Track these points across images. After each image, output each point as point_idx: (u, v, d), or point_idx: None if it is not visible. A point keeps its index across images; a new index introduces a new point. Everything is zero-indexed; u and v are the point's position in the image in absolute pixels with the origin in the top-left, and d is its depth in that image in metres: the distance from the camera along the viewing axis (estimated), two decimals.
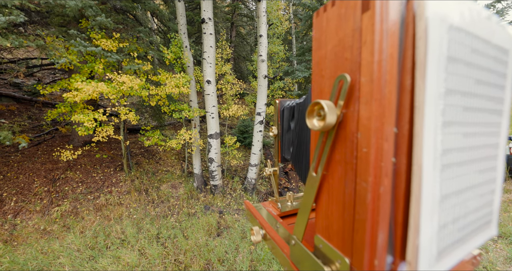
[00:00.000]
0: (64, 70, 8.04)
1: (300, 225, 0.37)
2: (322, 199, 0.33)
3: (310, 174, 0.34)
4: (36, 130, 6.89)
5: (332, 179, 0.31)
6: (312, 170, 0.34)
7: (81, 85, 3.95)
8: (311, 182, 0.34)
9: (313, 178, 0.33)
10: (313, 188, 0.34)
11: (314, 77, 0.34)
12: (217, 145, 5.67)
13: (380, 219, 0.26)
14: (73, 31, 4.17)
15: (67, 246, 3.81)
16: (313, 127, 0.30)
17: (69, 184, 5.25)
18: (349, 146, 0.28)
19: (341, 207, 0.30)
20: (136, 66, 4.68)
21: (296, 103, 0.59)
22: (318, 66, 0.33)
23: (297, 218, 0.38)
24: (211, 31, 5.11)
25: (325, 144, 0.31)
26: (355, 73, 0.27)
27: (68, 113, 4.78)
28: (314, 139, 0.34)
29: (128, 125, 8.10)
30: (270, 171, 0.67)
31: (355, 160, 0.27)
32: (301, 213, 0.36)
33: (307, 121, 0.31)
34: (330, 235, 0.32)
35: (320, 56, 0.33)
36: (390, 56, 0.25)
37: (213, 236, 4.28)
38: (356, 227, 0.28)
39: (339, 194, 0.30)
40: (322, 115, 0.29)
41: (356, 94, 0.27)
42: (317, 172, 0.33)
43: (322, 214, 0.33)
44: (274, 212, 0.64)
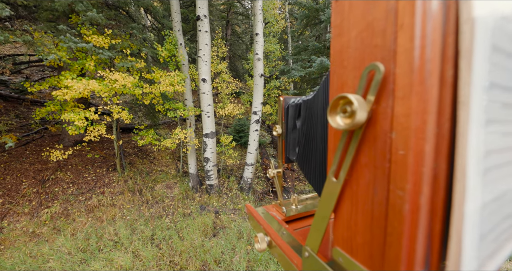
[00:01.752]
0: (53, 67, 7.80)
1: (315, 236, 0.33)
2: (344, 207, 0.29)
3: (329, 179, 0.30)
4: (24, 130, 6.65)
5: (356, 185, 0.27)
6: (331, 174, 0.30)
7: (72, 82, 3.82)
8: (330, 188, 0.30)
9: (333, 184, 0.29)
10: (332, 195, 0.30)
11: (334, 68, 0.30)
12: (213, 144, 5.60)
13: (419, 233, 0.22)
14: (62, 26, 4.02)
15: (57, 249, 3.69)
16: (337, 126, 0.26)
17: (59, 185, 5.09)
18: (380, 148, 0.24)
19: (368, 217, 0.26)
20: (129, 64, 4.56)
21: (303, 100, 0.55)
22: (340, 56, 0.29)
23: (312, 228, 0.34)
24: (207, 29, 5.02)
25: (349, 145, 0.27)
26: (388, 63, 0.23)
27: (58, 111, 4.62)
28: (334, 139, 0.30)
29: (121, 124, 7.92)
30: (274, 173, 0.63)
31: (388, 164, 0.23)
32: (317, 223, 0.32)
33: (329, 119, 0.27)
34: (352, 248, 0.28)
35: (341, 44, 0.29)
36: (433, 43, 0.22)
37: (209, 237, 4.22)
38: (389, 241, 0.24)
39: (366, 203, 0.26)
40: (348, 112, 0.25)
41: (390, 87, 0.23)
42: (338, 177, 0.29)
43: (342, 224, 0.29)
44: (278, 216, 0.60)
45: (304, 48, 8.97)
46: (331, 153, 0.31)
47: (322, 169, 0.43)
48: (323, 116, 0.41)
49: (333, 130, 0.30)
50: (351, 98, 0.24)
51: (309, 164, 0.50)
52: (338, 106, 0.26)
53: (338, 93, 0.29)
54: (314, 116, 0.47)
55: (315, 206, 0.65)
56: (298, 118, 0.57)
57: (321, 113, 0.43)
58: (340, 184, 0.28)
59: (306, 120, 0.52)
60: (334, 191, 0.29)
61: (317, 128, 0.46)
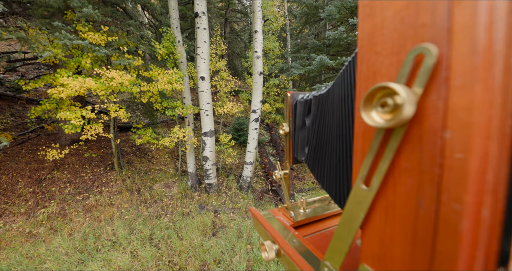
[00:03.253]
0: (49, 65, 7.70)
1: (338, 251, 0.29)
2: (376, 220, 0.25)
3: (357, 187, 0.25)
4: (20, 128, 6.55)
5: (394, 194, 0.23)
6: (360, 181, 0.25)
7: (67, 80, 3.74)
8: (359, 197, 0.25)
9: (363, 192, 0.25)
10: (362, 205, 0.25)
11: (362, 55, 0.26)
12: (212, 143, 5.55)
13: (479, 253, 0.18)
14: (57, 23, 3.93)
15: (54, 249, 3.63)
16: (373, 123, 0.22)
17: (56, 185, 5.02)
18: (427, 150, 0.20)
19: (409, 233, 0.22)
20: (126, 61, 4.48)
21: (314, 96, 0.50)
22: (370, 40, 0.25)
23: (335, 242, 0.29)
24: (205, 26, 4.94)
25: (385, 146, 0.23)
26: (440, 45, 0.19)
27: (53, 110, 4.54)
28: (363, 139, 0.26)
29: (118, 123, 7.84)
30: (281, 174, 0.59)
31: (438, 170, 0.19)
32: (342, 236, 0.28)
33: (363, 115, 0.22)
34: (386, 266, 0.24)
35: (372, 26, 0.24)
36: (501, 19, 0.17)
37: (209, 236, 4.19)
38: (438, 260, 0.19)
39: (407, 216, 0.22)
40: (390, 106, 0.20)
41: (442, 75, 0.19)
42: (369, 185, 0.24)
43: (373, 238, 0.25)
44: (286, 221, 0.55)
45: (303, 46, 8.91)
46: (358, 155, 0.26)
47: (338, 172, 0.39)
48: (343, 112, 0.36)
49: (362, 128, 0.26)
50: (396, 88, 0.19)
51: (321, 166, 0.46)
52: (375, 99, 0.22)
53: (369, 84, 0.24)
54: (328, 113, 0.43)
55: (324, 210, 0.61)
56: (308, 115, 0.53)
57: (338, 109, 0.38)
58: (373, 192, 0.24)
59: (317, 118, 0.48)
60: (364, 201, 0.25)
61: (332, 126, 0.41)
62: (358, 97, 0.26)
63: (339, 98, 0.38)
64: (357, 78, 0.26)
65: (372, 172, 0.24)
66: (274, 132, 11.08)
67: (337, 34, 6.62)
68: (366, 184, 0.25)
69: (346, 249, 0.27)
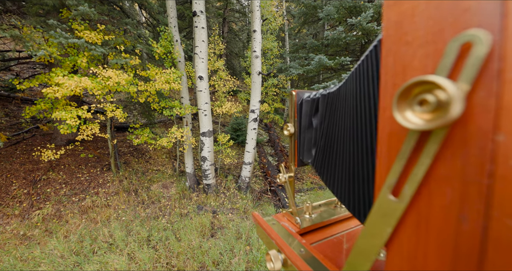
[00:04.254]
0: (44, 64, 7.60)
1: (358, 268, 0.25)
2: (405, 234, 0.21)
3: (383, 197, 0.22)
4: (14, 129, 6.44)
5: (428, 206, 0.20)
6: (387, 190, 0.22)
7: (63, 80, 3.67)
8: (386, 208, 0.22)
9: (390, 203, 0.22)
10: (389, 217, 0.22)
11: (388, 46, 0.22)
12: (210, 143, 5.51)
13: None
14: (52, 21, 3.86)
15: (50, 252, 3.56)
16: (409, 124, 0.18)
17: (51, 186, 4.93)
18: (474, 155, 0.17)
19: (449, 250, 0.18)
20: (123, 61, 4.42)
21: (322, 94, 0.47)
22: (399, 29, 0.21)
23: (353, 258, 0.26)
24: (203, 25, 4.90)
25: (421, 150, 0.19)
26: (491, 31, 0.16)
27: (49, 110, 4.46)
28: (390, 142, 0.23)
29: (115, 123, 7.75)
30: (286, 178, 0.56)
31: (488, 180, 0.16)
32: (362, 252, 0.25)
33: (396, 115, 0.19)
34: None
35: (401, 13, 0.21)
36: None
37: (207, 237, 4.14)
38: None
39: (445, 231, 0.19)
40: (432, 104, 0.17)
41: (495, 67, 0.16)
42: (399, 195, 0.21)
43: (401, 253, 0.22)
44: (291, 228, 0.52)
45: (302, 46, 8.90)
46: (383, 160, 0.23)
47: (352, 178, 0.35)
48: (358, 111, 0.33)
49: (388, 129, 0.23)
50: (442, 83, 0.16)
51: (331, 169, 0.43)
52: (410, 96, 0.18)
53: (397, 79, 0.21)
54: (339, 113, 0.40)
55: (331, 214, 0.58)
56: (315, 115, 0.49)
57: (352, 108, 0.35)
58: (404, 204, 0.21)
59: (326, 118, 0.45)
60: (393, 213, 0.21)
61: (343, 127, 0.38)
62: (383, 95, 0.23)
63: (354, 96, 0.34)
64: (382, 73, 0.23)
65: (402, 180, 0.21)
66: (273, 132, 11.06)
67: (336, 34, 6.62)
68: (394, 194, 0.22)
69: (367, 267, 0.24)
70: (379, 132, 0.23)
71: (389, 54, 0.22)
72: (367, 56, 0.30)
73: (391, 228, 0.22)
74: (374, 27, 6.01)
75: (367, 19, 5.90)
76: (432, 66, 0.19)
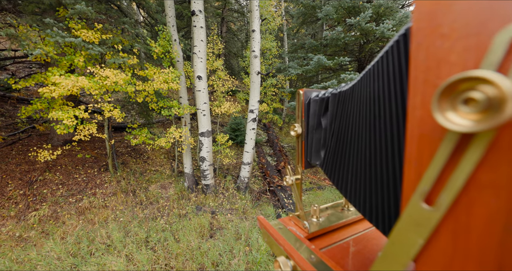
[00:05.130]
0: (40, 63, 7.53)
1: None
2: (440, 245, 0.19)
3: (416, 205, 0.20)
4: (10, 129, 6.36)
5: (468, 216, 0.18)
6: (419, 198, 0.20)
7: (59, 79, 3.62)
8: (418, 218, 0.20)
9: (423, 212, 0.20)
10: (421, 228, 0.20)
11: (420, 39, 0.20)
12: (209, 143, 5.47)
13: None
14: (49, 20, 3.80)
15: (46, 254, 3.51)
16: (455, 126, 0.16)
17: (48, 186, 4.87)
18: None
19: (491, 264, 0.16)
20: (120, 60, 4.37)
21: (332, 93, 0.45)
22: (431, 21, 0.19)
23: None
24: (202, 24, 4.86)
25: (462, 154, 0.17)
26: None
27: (45, 110, 4.40)
28: (420, 144, 0.21)
29: (113, 123, 7.69)
30: (292, 180, 0.54)
31: None
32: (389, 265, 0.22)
33: (436, 115, 0.17)
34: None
35: (435, 2, 0.19)
36: None
37: (206, 238, 4.11)
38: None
39: (487, 243, 0.17)
40: (482, 103, 0.15)
41: None
42: (434, 203, 0.19)
43: (435, 266, 0.20)
44: (299, 233, 0.50)
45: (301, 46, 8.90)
46: (412, 164, 0.21)
47: (368, 181, 0.33)
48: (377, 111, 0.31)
49: (418, 131, 0.21)
50: (495, 80, 0.14)
51: (343, 172, 0.41)
52: (452, 94, 0.16)
53: (431, 75, 0.19)
54: (353, 112, 0.37)
55: (339, 218, 0.56)
56: (324, 115, 0.47)
57: (369, 107, 0.33)
58: (440, 213, 0.19)
59: (337, 118, 0.43)
60: (426, 223, 0.19)
61: (358, 127, 0.36)
62: (412, 93, 0.21)
63: (371, 95, 0.32)
64: (411, 69, 0.21)
65: (438, 187, 0.19)
66: (271, 132, 11.05)
67: (335, 34, 6.62)
68: (428, 202, 0.19)
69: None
70: (408, 134, 0.21)
71: (420, 48, 0.20)
72: (387, 52, 0.28)
73: (423, 239, 0.20)
74: (372, 27, 6.02)
75: (366, 19, 5.90)
76: (474, 61, 0.17)
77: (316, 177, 7.86)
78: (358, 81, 0.37)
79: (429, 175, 0.19)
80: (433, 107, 0.17)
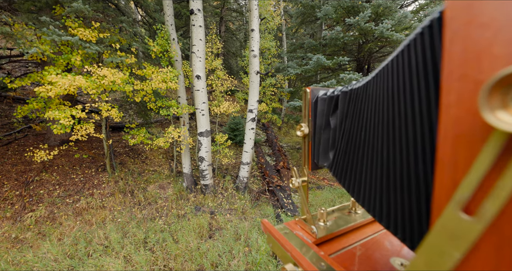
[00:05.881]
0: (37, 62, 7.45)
1: None
2: (481, 260, 0.17)
3: (453, 214, 0.18)
4: (6, 129, 6.28)
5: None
6: (456, 206, 0.18)
7: (56, 78, 3.57)
8: (456, 229, 0.18)
9: (462, 223, 0.18)
10: (459, 240, 0.18)
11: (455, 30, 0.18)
12: (208, 143, 5.44)
13: None
14: (45, 18, 3.74)
15: (43, 255, 3.46)
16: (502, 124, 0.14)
17: (44, 187, 4.81)
18: None
19: None
20: (118, 59, 4.32)
21: (342, 91, 0.43)
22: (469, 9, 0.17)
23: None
24: (201, 23, 4.83)
25: (508, 158, 0.15)
26: None
27: (41, 109, 4.34)
28: (456, 146, 0.18)
29: (111, 123, 7.62)
30: (299, 182, 0.51)
31: None
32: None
33: (485, 113, 0.15)
34: None
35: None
36: None
37: (205, 239, 4.09)
38: None
39: None
40: None
41: None
42: (476, 213, 0.17)
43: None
44: (307, 238, 0.48)
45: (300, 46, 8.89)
46: (446, 168, 0.19)
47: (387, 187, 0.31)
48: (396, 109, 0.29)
49: (454, 131, 0.18)
50: None
51: (356, 176, 0.38)
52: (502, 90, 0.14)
53: (470, 69, 0.17)
54: (368, 111, 0.35)
55: (347, 222, 0.54)
56: (333, 114, 0.45)
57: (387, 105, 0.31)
58: (482, 224, 0.16)
59: (348, 117, 0.40)
60: (465, 235, 0.17)
61: (374, 127, 0.34)
62: (446, 89, 0.19)
63: (389, 92, 0.30)
64: (445, 63, 0.19)
65: (480, 195, 0.17)
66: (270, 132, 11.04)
67: (334, 34, 6.62)
68: (468, 212, 0.17)
69: None
70: (441, 135, 0.19)
71: (455, 40, 0.18)
72: (409, 46, 0.26)
73: (460, 252, 0.17)
74: (371, 27, 6.02)
75: (365, 19, 5.90)
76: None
77: (315, 177, 7.85)
78: (373, 78, 0.34)
79: (469, 180, 0.17)
80: (481, 105, 0.15)
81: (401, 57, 0.28)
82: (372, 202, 0.34)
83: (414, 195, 0.26)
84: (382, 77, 0.32)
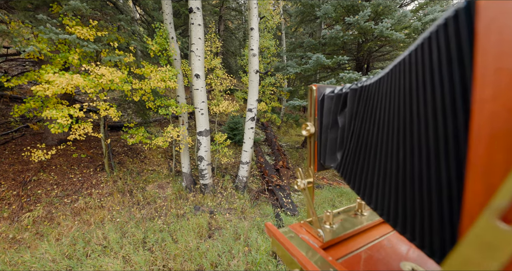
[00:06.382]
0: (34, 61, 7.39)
1: None
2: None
3: (489, 223, 0.16)
4: (3, 128, 6.22)
5: None
6: (493, 215, 0.16)
7: (53, 77, 3.53)
8: (494, 239, 0.16)
9: (501, 233, 0.16)
10: (497, 252, 0.16)
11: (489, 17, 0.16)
12: (207, 143, 5.42)
13: None
14: (42, 16, 3.70)
15: (41, 256, 3.43)
16: None
17: (42, 187, 4.77)
18: None
19: None
20: (116, 58, 4.28)
21: (351, 88, 0.41)
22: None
23: None
24: (200, 22, 4.79)
25: None
26: None
27: (39, 108, 4.29)
28: (492, 146, 0.17)
29: (109, 122, 7.57)
30: (304, 184, 0.50)
31: None
32: None
33: None
34: None
35: None
36: None
37: (204, 238, 4.07)
38: None
39: None
40: None
41: None
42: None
43: None
44: (313, 242, 0.46)
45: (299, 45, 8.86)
46: (481, 172, 0.17)
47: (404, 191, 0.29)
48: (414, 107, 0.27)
49: (489, 130, 0.17)
50: None
51: (366, 177, 0.37)
52: None
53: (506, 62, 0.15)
54: (381, 109, 0.33)
55: (353, 224, 0.52)
56: (341, 112, 0.43)
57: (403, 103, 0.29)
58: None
59: (357, 115, 0.39)
60: (503, 246, 0.15)
61: (388, 126, 0.32)
62: (480, 84, 0.17)
63: (407, 88, 0.28)
64: (478, 55, 0.17)
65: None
66: (270, 131, 11.03)
67: (333, 33, 6.60)
68: (506, 221, 0.16)
69: None
70: (473, 134, 0.17)
71: (491, 29, 0.16)
72: (430, 38, 0.24)
73: (498, 264, 0.16)
74: (371, 26, 6.00)
75: (365, 18, 5.89)
76: None
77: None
78: (386, 74, 0.32)
79: (509, 186, 0.15)
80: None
81: (421, 51, 0.26)
82: (386, 206, 0.32)
83: (435, 200, 0.24)
84: (397, 73, 0.30)
